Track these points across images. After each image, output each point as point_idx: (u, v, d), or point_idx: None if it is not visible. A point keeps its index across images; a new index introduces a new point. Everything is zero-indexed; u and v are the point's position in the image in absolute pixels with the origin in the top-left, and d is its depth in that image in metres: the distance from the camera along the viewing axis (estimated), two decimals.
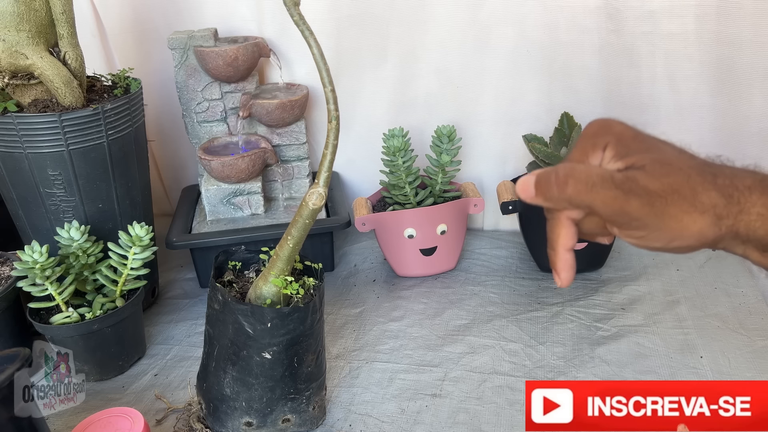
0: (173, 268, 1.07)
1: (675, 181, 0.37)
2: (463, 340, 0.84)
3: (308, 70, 1.06)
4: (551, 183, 0.39)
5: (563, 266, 0.42)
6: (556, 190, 0.39)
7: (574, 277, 0.42)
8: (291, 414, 0.68)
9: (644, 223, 0.37)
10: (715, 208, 0.36)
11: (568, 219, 0.41)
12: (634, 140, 0.40)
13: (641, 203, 0.37)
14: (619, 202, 0.37)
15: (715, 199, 0.36)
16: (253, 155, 0.97)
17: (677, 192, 0.37)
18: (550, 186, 0.39)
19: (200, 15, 1.05)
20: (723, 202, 0.36)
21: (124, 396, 0.78)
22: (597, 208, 0.38)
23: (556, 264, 0.42)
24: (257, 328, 0.62)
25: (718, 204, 0.36)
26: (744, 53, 0.90)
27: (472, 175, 1.09)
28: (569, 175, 0.38)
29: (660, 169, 0.37)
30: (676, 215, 0.37)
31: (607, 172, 0.38)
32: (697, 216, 0.36)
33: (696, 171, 0.37)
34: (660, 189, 0.37)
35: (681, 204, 0.36)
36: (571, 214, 0.41)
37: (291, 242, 0.61)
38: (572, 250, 0.42)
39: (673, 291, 0.92)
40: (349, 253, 1.08)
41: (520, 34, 0.97)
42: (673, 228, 0.37)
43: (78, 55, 0.80)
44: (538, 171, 0.40)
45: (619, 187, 0.37)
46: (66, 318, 0.77)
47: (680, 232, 0.37)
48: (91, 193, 0.82)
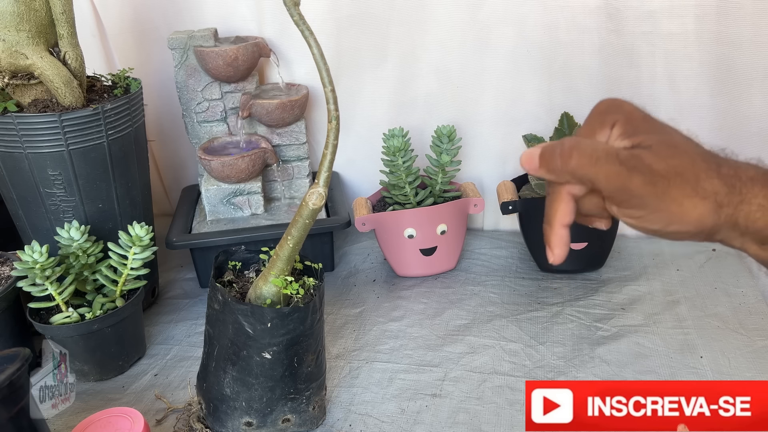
0: (173, 268, 1.07)
1: (680, 164, 0.37)
2: (463, 340, 0.84)
3: (308, 70, 1.06)
4: (555, 154, 0.39)
5: (557, 242, 0.42)
6: (560, 161, 0.39)
7: (567, 253, 0.42)
8: (291, 414, 0.68)
9: (644, 202, 0.37)
10: (716, 196, 0.37)
11: (568, 194, 0.41)
12: (643, 121, 0.40)
13: (644, 181, 0.37)
14: (621, 178, 0.37)
15: (717, 186, 0.37)
16: (253, 155, 0.97)
17: (681, 175, 0.37)
18: (555, 157, 0.39)
19: (200, 15, 1.05)
20: (725, 191, 0.37)
21: (124, 396, 0.78)
22: (599, 182, 0.38)
23: (551, 239, 0.42)
24: (257, 328, 0.62)
25: (719, 192, 0.37)
26: (744, 53, 0.90)
27: (472, 175, 1.09)
28: (574, 147, 0.38)
29: (666, 151, 0.37)
30: (677, 198, 0.37)
31: (613, 149, 0.38)
32: (698, 201, 0.37)
33: (701, 157, 0.38)
34: (664, 170, 0.37)
35: (683, 187, 0.37)
36: (573, 189, 0.41)
37: (291, 242, 0.61)
38: (568, 227, 0.42)
39: (673, 291, 0.92)
40: (349, 253, 1.08)
41: (520, 34, 0.97)
42: (673, 211, 0.37)
43: (78, 55, 0.80)
44: (544, 143, 0.40)
45: (623, 164, 0.37)
46: (66, 318, 0.77)
47: (680, 216, 0.37)
48: (91, 193, 0.82)
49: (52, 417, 0.74)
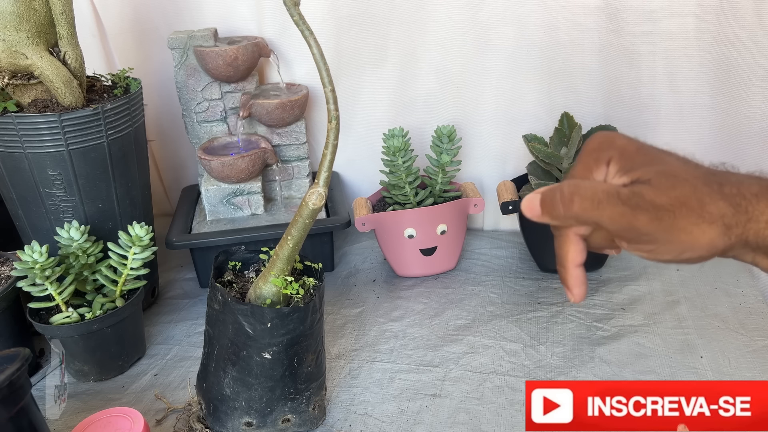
0: (173, 268, 1.07)
1: (682, 194, 0.36)
2: (463, 340, 0.84)
3: (308, 70, 1.06)
4: (557, 201, 0.39)
5: (575, 282, 0.42)
6: (562, 208, 0.38)
7: (586, 291, 0.42)
8: (291, 414, 0.68)
9: (654, 237, 0.37)
10: (723, 218, 0.36)
11: (575, 235, 0.41)
12: (638, 153, 0.39)
13: (649, 218, 0.36)
14: (626, 218, 0.37)
15: (723, 208, 0.36)
16: (253, 155, 0.97)
17: (685, 204, 0.36)
18: (556, 204, 0.39)
19: (200, 15, 1.05)
20: (731, 212, 0.36)
21: (124, 396, 0.78)
22: (605, 224, 0.38)
23: (568, 281, 0.42)
24: (257, 328, 0.62)
25: (726, 213, 0.36)
26: (744, 53, 0.90)
27: (472, 175, 1.09)
28: (574, 192, 0.38)
29: (666, 182, 0.37)
30: (685, 228, 0.36)
31: (613, 188, 0.38)
32: (706, 227, 0.36)
33: (702, 181, 0.37)
34: (667, 202, 0.36)
35: (689, 216, 0.36)
36: (579, 230, 0.41)
37: (291, 242, 0.61)
38: (582, 266, 0.42)
39: (673, 291, 0.92)
40: (349, 253, 1.08)
41: (520, 34, 0.97)
42: (683, 240, 0.36)
43: (78, 55, 0.80)
44: (543, 189, 0.40)
45: (625, 203, 0.37)
46: (66, 318, 0.77)
47: (690, 244, 0.37)
48: (91, 193, 0.82)
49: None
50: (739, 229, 0.36)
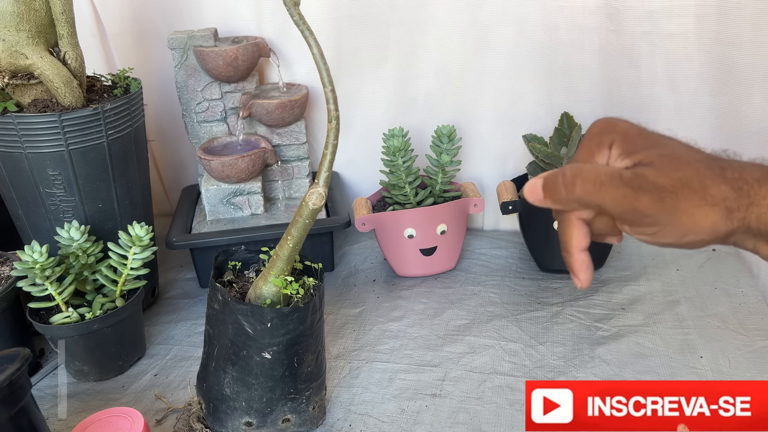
0: (173, 268, 1.07)
1: (684, 176, 0.36)
2: (463, 340, 0.84)
3: (308, 70, 1.06)
4: (559, 185, 0.39)
5: (580, 267, 0.42)
6: (565, 191, 0.38)
7: (593, 275, 0.42)
8: (291, 414, 0.68)
9: (656, 219, 0.37)
10: (725, 201, 0.36)
11: (578, 219, 0.41)
12: (640, 137, 0.39)
13: (652, 199, 0.36)
14: (629, 200, 0.37)
15: (725, 192, 0.36)
16: (253, 155, 0.97)
17: (687, 186, 0.36)
18: (558, 188, 0.39)
19: (200, 15, 1.05)
20: (733, 195, 0.36)
21: (124, 396, 0.78)
22: (607, 207, 0.38)
23: (573, 266, 0.42)
24: (257, 328, 0.62)
25: (728, 197, 0.36)
26: (744, 53, 0.90)
27: (472, 175, 1.09)
28: (577, 175, 0.38)
29: (668, 164, 0.37)
30: (687, 210, 0.36)
31: (615, 171, 0.38)
32: (708, 209, 0.36)
33: (704, 165, 0.37)
34: (670, 184, 0.36)
35: (692, 198, 0.36)
36: (581, 214, 0.41)
37: (291, 242, 0.61)
38: (587, 251, 0.42)
39: (673, 291, 0.92)
40: (349, 253, 1.08)
41: (520, 34, 0.97)
42: (685, 223, 0.37)
43: (78, 55, 0.80)
44: (545, 173, 0.40)
45: (628, 185, 0.37)
46: (66, 318, 0.77)
47: (692, 227, 0.37)
48: (91, 193, 0.82)
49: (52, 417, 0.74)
50: (741, 213, 0.36)
